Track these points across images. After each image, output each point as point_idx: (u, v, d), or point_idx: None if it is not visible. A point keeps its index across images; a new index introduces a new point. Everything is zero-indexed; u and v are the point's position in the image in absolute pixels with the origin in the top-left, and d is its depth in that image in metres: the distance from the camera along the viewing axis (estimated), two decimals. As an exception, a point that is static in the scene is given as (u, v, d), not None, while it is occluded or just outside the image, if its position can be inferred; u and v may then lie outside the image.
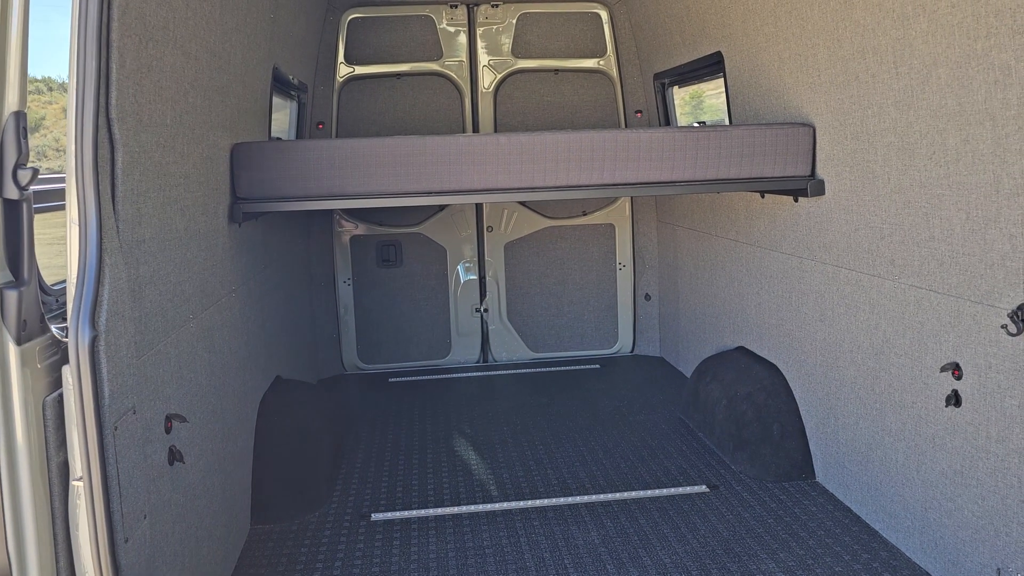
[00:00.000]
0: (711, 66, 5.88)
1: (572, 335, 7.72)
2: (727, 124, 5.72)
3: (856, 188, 4.16)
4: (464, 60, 7.38)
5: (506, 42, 7.41)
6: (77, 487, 2.49)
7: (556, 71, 7.47)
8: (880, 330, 4.00)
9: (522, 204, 7.53)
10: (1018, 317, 3.06)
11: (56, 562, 2.52)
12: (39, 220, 2.61)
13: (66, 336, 2.50)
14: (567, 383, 6.96)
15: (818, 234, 4.57)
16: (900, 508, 3.93)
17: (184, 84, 3.39)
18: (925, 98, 3.53)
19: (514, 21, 7.39)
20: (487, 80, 7.41)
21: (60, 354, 2.57)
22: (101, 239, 2.53)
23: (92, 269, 2.50)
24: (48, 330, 2.56)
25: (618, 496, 4.68)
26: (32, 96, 2.41)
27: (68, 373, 2.47)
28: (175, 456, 3.09)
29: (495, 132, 7.33)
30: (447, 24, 7.33)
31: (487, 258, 7.58)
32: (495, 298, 7.61)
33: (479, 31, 7.38)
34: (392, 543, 4.22)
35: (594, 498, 4.66)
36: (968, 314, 3.36)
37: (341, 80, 7.23)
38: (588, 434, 5.71)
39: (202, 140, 3.70)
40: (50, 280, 3.03)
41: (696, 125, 6.66)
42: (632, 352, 7.80)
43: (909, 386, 3.79)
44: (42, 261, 2.62)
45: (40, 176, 2.47)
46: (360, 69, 7.25)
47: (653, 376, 7.11)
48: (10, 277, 2.45)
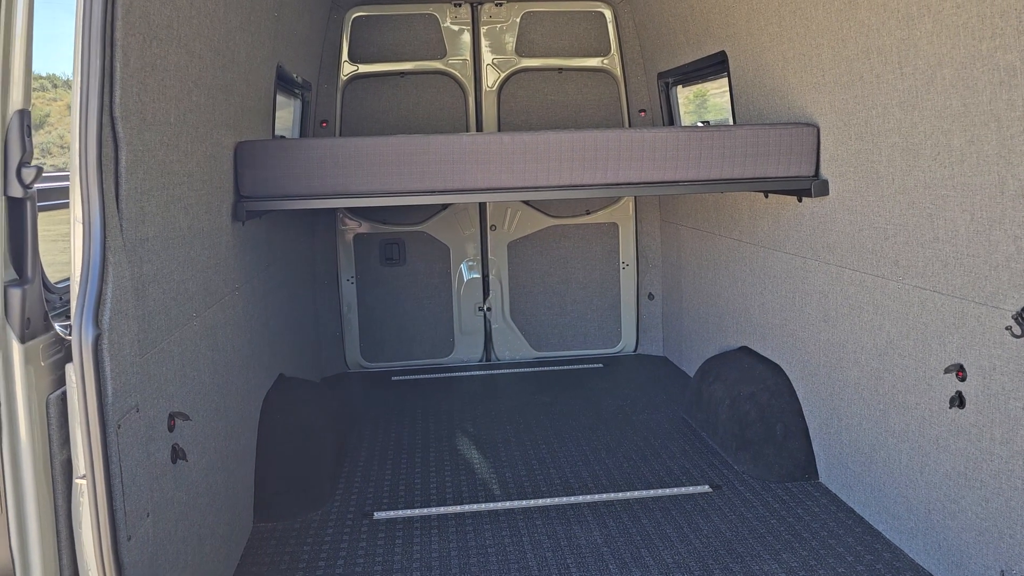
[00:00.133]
0: (715, 65, 5.87)
1: (575, 334, 7.71)
2: (731, 124, 5.71)
3: (860, 188, 4.15)
4: (468, 59, 7.38)
5: (510, 41, 7.40)
6: (80, 485, 2.49)
7: (560, 70, 7.46)
8: (884, 331, 3.99)
9: (525, 203, 7.53)
10: (1022, 319, 3.05)
11: (59, 560, 2.53)
12: (42, 218, 2.61)
13: (69, 334, 2.50)
14: (570, 382, 6.95)
15: (822, 234, 4.56)
16: (903, 509, 3.92)
17: (188, 82, 3.40)
18: (930, 99, 3.52)
19: (518, 20, 7.38)
20: (491, 79, 7.41)
21: (63, 352, 2.58)
22: (105, 237, 2.53)
23: (96, 267, 2.50)
24: (52, 328, 2.56)
25: (621, 496, 4.67)
26: (37, 93, 2.41)
27: (72, 371, 2.47)
28: (178, 454, 3.09)
29: (499, 131, 7.36)
30: (451, 23, 7.33)
31: (490, 257, 7.58)
32: (498, 297, 7.61)
33: (483, 30, 7.37)
34: (395, 542, 4.22)
35: (597, 497, 4.66)
36: (972, 315, 3.35)
37: (345, 78, 7.23)
38: (591, 433, 5.71)
39: (206, 138, 3.70)
40: (53, 278, 3.03)
41: (700, 125, 6.65)
42: (635, 351, 7.79)
43: (913, 387, 3.78)
44: (44, 259, 2.62)
45: (43, 174, 2.47)
46: (364, 67, 7.25)
47: (656, 376, 7.11)
48: (14, 275, 2.45)
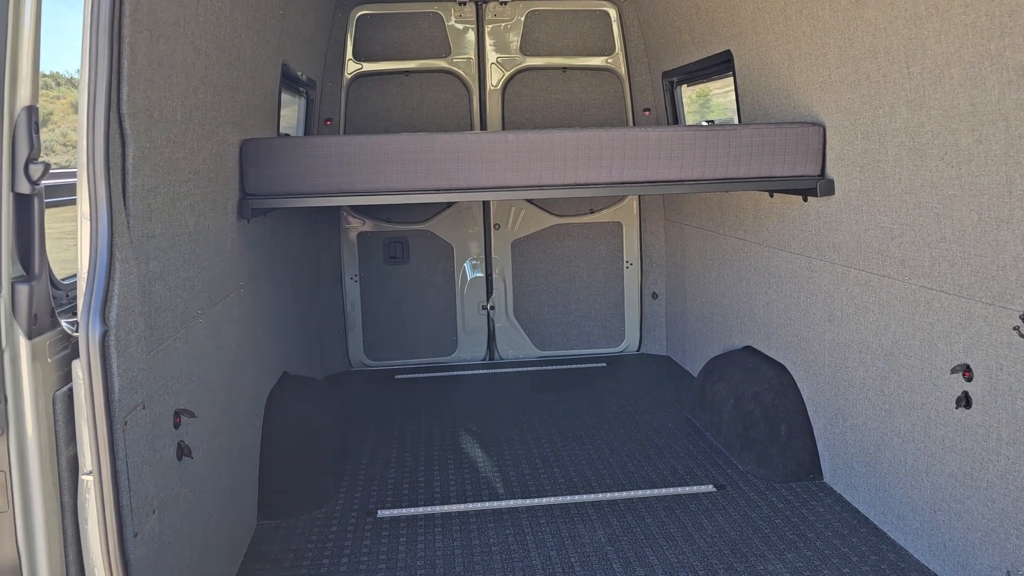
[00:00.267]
0: (720, 64, 5.86)
1: (579, 333, 7.71)
2: (736, 123, 5.70)
3: (866, 188, 4.14)
4: (472, 57, 7.38)
5: (514, 39, 7.39)
6: (87, 481, 2.49)
7: (564, 69, 7.46)
8: (890, 331, 3.98)
9: (529, 202, 7.53)
10: (1030, 319, 3.04)
11: (65, 556, 2.53)
12: (46, 215, 2.61)
13: (76, 331, 2.50)
14: (573, 381, 6.95)
15: (827, 234, 4.55)
16: (909, 510, 3.92)
17: (194, 80, 3.39)
18: (937, 98, 3.51)
19: (522, 18, 7.38)
20: (495, 77, 7.40)
21: (70, 348, 2.58)
22: (112, 234, 2.53)
23: (103, 264, 2.50)
24: (58, 324, 2.56)
25: (624, 495, 4.67)
26: (41, 91, 2.41)
27: (78, 367, 2.47)
28: (183, 451, 3.09)
29: (503, 129, 7.35)
30: (455, 21, 7.32)
31: (494, 256, 7.57)
32: (501, 296, 7.60)
33: (487, 28, 7.37)
34: (398, 540, 4.22)
35: (600, 497, 4.65)
36: (979, 315, 3.34)
37: (349, 77, 7.23)
38: (594, 433, 5.71)
39: (212, 136, 3.70)
40: (58, 275, 3.03)
41: (705, 124, 6.64)
42: (639, 351, 7.78)
43: (919, 387, 3.77)
44: (49, 256, 2.62)
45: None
46: (368, 66, 7.25)
47: (660, 375, 7.10)
48: (21, 271, 2.45)
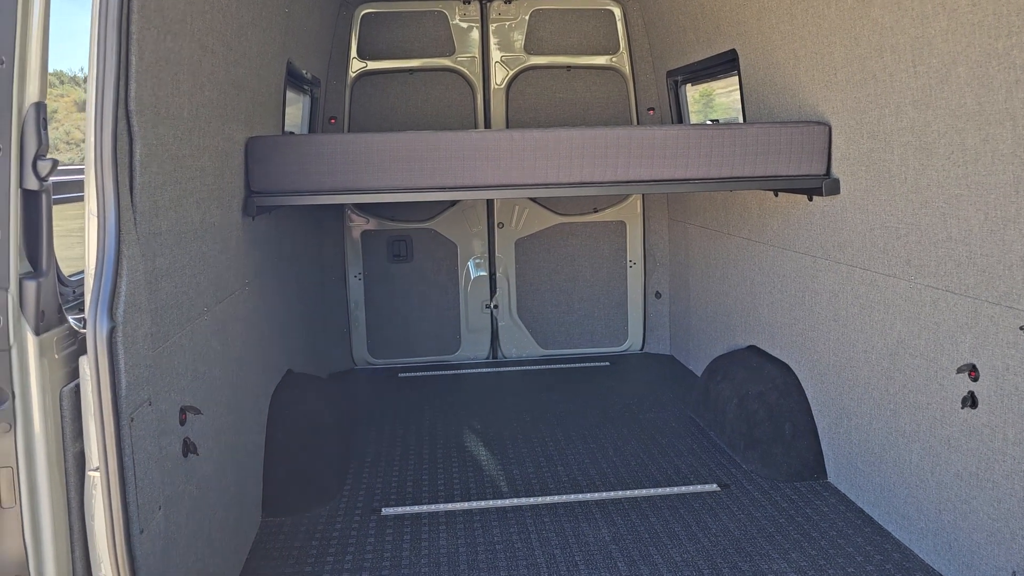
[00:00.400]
0: (725, 64, 5.85)
1: (582, 332, 7.71)
2: (741, 122, 5.69)
3: (872, 187, 4.14)
4: (476, 56, 7.37)
5: (518, 38, 7.39)
6: (93, 477, 2.50)
7: (568, 68, 7.45)
8: (895, 330, 3.98)
9: (533, 200, 7.52)
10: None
11: (72, 552, 2.53)
12: (53, 212, 2.61)
13: (83, 327, 2.50)
14: (577, 380, 6.95)
15: (832, 233, 4.54)
16: (913, 510, 3.91)
17: (201, 78, 3.40)
18: (944, 97, 3.50)
19: (527, 17, 7.37)
20: (499, 76, 7.40)
21: (77, 345, 2.58)
22: (119, 231, 2.54)
23: (110, 260, 2.51)
24: (65, 320, 2.57)
25: (628, 494, 4.67)
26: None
27: (86, 364, 2.47)
28: (189, 448, 3.10)
29: (507, 128, 7.35)
30: (460, 20, 7.32)
31: (497, 254, 7.57)
32: (505, 294, 7.60)
33: (492, 27, 7.36)
34: (403, 538, 4.22)
35: (604, 495, 4.66)
36: (985, 315, 3.34)
37: (353, 75, 7.23)
38: (598, 431, 5.71)
39: (217, 133, 3.71)
40: (65, 272, 3.04)
41: (710, 123, 6.64)
42: (642, 350, 7.78)
43: (924, 387, 3.77)
44: (57, 252, 2.63)
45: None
46: (372, 64, 7.25)
47: (663, 374, 7.10)
48: (29, 267, 2.46)
